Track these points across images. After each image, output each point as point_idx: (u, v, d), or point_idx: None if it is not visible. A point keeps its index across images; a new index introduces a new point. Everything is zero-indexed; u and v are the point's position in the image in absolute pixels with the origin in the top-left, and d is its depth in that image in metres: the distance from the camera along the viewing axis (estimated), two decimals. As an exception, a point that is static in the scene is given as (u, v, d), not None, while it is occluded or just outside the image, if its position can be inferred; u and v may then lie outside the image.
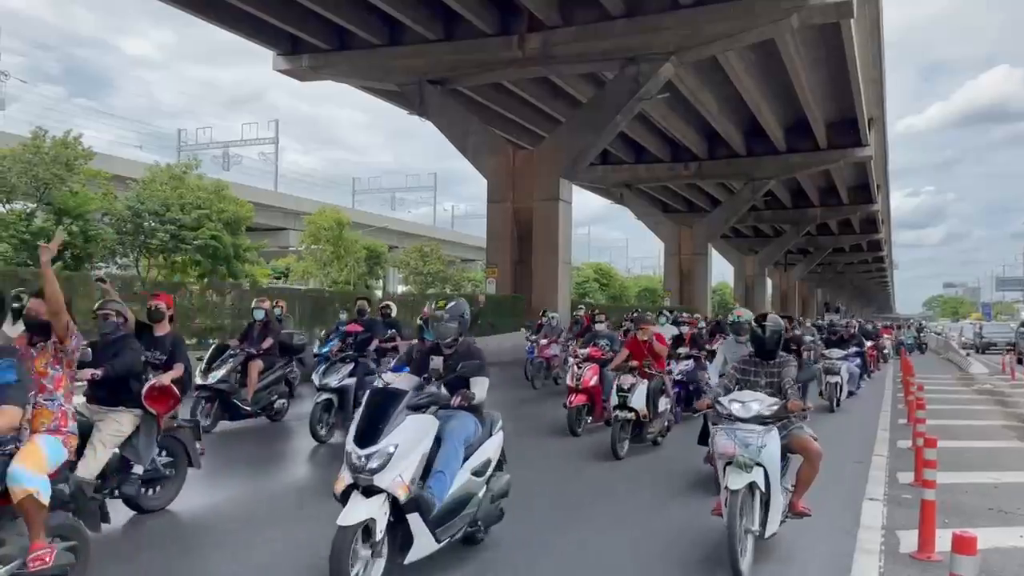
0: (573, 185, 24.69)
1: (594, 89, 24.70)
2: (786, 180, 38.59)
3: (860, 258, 71.34)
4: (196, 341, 12.89)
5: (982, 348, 36.50)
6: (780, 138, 31.71)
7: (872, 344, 19.89)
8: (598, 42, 20.28)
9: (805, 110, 28.01)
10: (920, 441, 6.68)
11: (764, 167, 33.89)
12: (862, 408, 13.08)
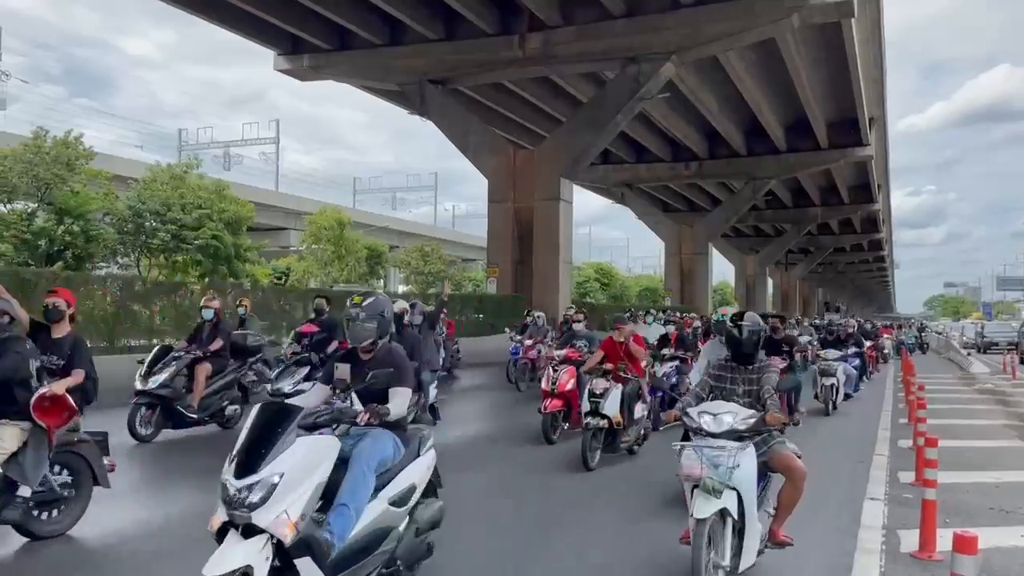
0: (574, 185, 24.71)
1: (595, 89, 24.68)
2: (787, 180, 38.55)
3: (861, 257, 71.29)
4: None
5: (984, 348, 36.45)
6: (781, 137, 31.69)
7: (871, 344, 19.47)
8: (599, 42, 20.29)
9: (806, 109, 27.99)
10: (921, 440, 6.68)
11: (765, 166, 33.87)
12: (861, 410, 12.84)
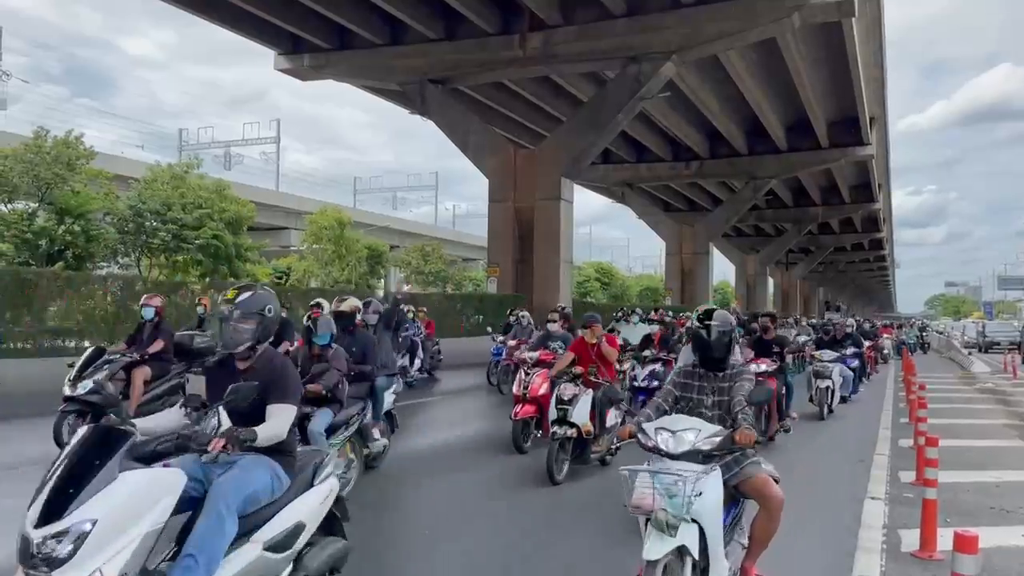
0: (574, 184, 24.70)
1: (595, 88, 24.68)
2: (787, 179, 38.54)
3: (862, 257, 71.29)
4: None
5: (985, 347, 36.32)
6: (781, 137, 31.68)
7: (870, 344, 18.89)
8: (599, 41, 20.29)
9: (806, 109, 27.98)
10: (922, 440, 6.69)
11: (765, 166, 33.87)
12: (858, 414, 12.51)
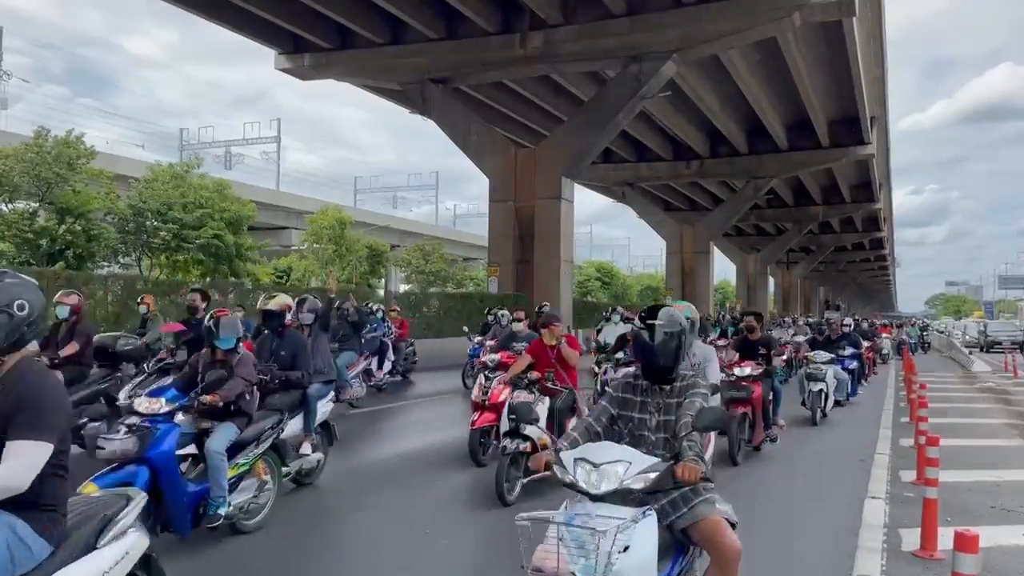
0: (575, 184, 24.69)
1: (596, 88, 24.67)
2: (788, 178, 38.52)
3: (862, 256, 71.28)
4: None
5: (987, 347, 36.22)
6: (782, 136, 31.67)
7: (869, 345, 18.12)
8: (600, 40, 20.28)
9: (807, 108, 27.96)
10: (922, 439, 6.69)
11: (766, 165, 33.84)
12: (859, 413, 12.23)
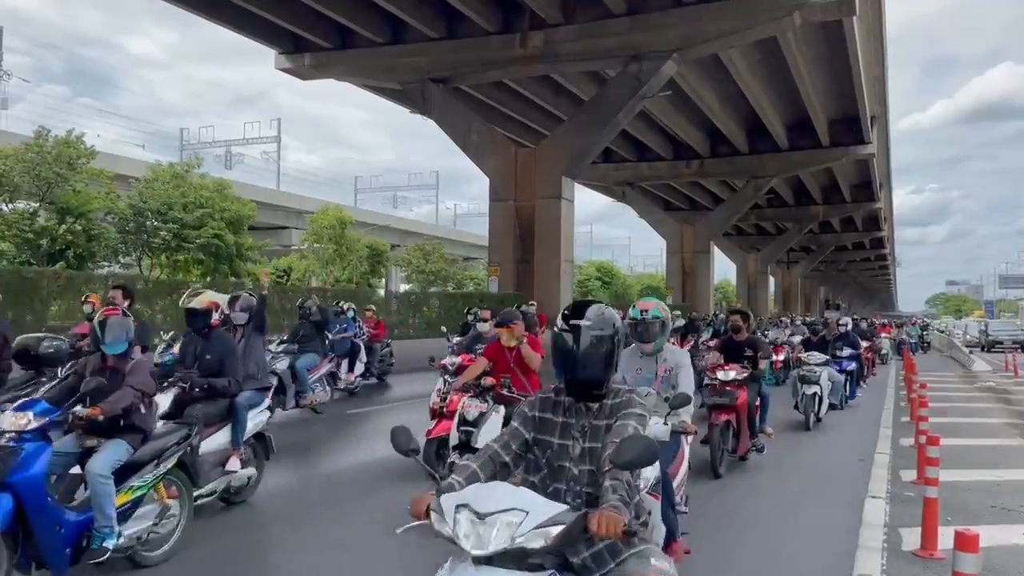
0: (575, 183, 24.67)
1: (596, 87, 24.66)
2: (788, 178, 38.50)
3: (863, 256, 71.26)
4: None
5: (988, 346, 36.14)
6: (782, 136, 31.66)
7: (868, 345, 17.51)
8: (600, 40, 20.26)
9: (807, 107, 27.95)
10: (923, 439, 6.69)
11: (766, 165, 33.83)
12: (859, 413, 12.06)
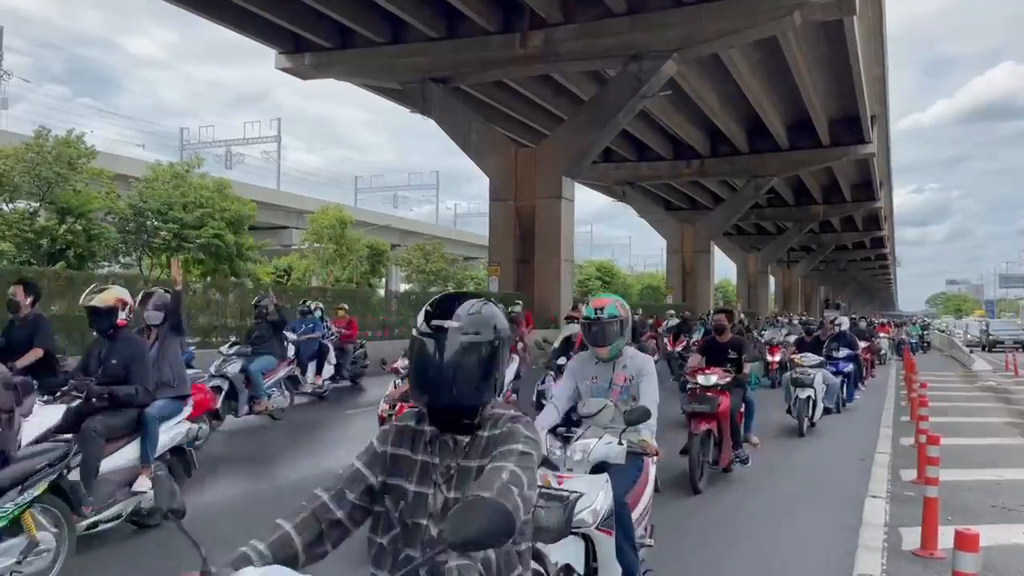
0: (575, 183, 24.67)
1: (596, 87, 24.65)
2: (789, 177, 38.49)
3: (863, 255, 71.27)
4: (199, 340, 12.89)
5: (989, 346, 36.01)
6: (783, 135, 31.65)
7: (867, 346, 16.78)
8: (600, 40, 20.26)
9: (808, 107, 27.95)
10: (923, 438, 6.69)
11: (767, 164, 33.83)
12: (859, 412, 11.93)
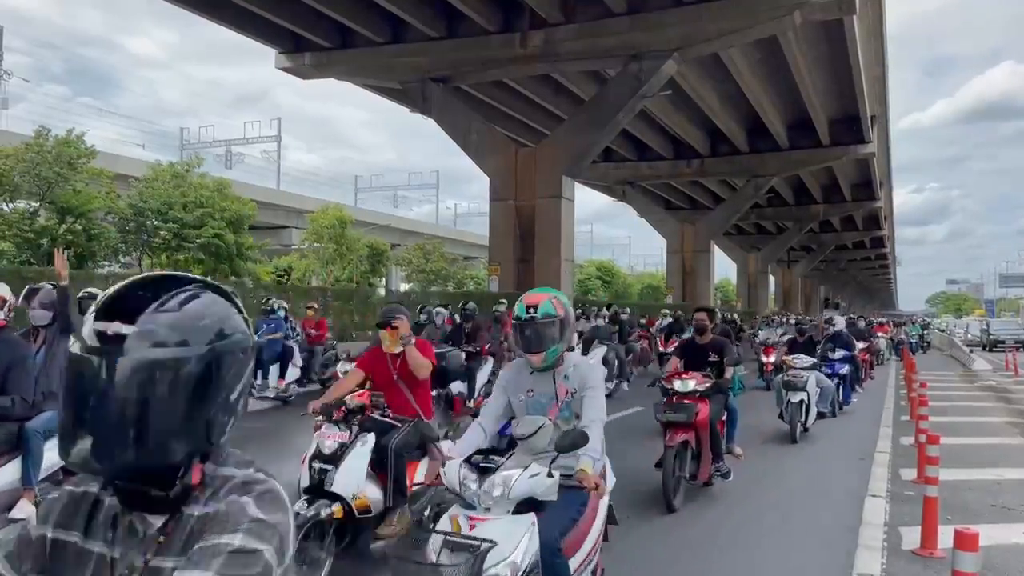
0: (575, 182, 24.66)
1: (596, 86, 24.65)
2: (789, 177, 38.50)
3: (863, 255, 71.27)
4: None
5: (989, 346, 35.93)
6: (783, 135, 31.66)
7: (865, 346, 16.19)
8: (600, 39, 20.26)
9: (808, 107, 27.95)
10: (923, 438, 6.69)
11: (767, 164, 33.84)
12: (859, 412, 11.86)
